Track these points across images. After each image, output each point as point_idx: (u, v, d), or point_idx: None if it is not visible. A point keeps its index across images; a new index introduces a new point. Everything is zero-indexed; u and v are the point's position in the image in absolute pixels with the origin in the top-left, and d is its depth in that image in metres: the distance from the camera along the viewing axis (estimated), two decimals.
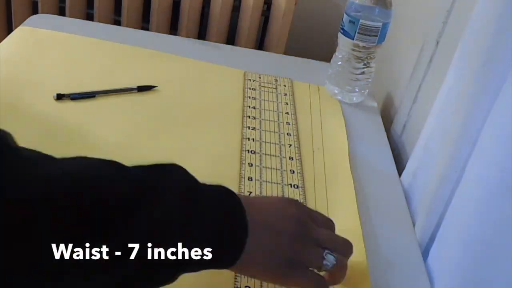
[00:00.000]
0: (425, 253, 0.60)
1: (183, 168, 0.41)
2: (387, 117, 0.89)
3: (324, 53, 1.55)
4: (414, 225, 0.64)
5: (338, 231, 0.59)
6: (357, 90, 0.85)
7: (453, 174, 0.56)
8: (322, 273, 0.47)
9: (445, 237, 0.58)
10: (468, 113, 0.55)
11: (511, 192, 0.45)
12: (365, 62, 0.82)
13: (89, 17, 1.50)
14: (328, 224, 0.50)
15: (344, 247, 0.49)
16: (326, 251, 0.46)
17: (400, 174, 0.73)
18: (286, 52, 1.49)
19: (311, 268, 0.46)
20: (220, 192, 0.42)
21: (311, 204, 0.62)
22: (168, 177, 0.39)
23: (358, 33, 0.78)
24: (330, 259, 0.45)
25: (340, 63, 0.83)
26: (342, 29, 0.80)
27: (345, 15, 0.79)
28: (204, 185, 0.41)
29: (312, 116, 0.80)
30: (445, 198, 0.58)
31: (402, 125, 0.82)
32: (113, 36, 0.92)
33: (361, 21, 0.77)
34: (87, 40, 0.89)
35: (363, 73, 0.83)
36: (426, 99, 0.77)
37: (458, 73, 0.60)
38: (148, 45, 0.90)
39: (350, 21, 0.78)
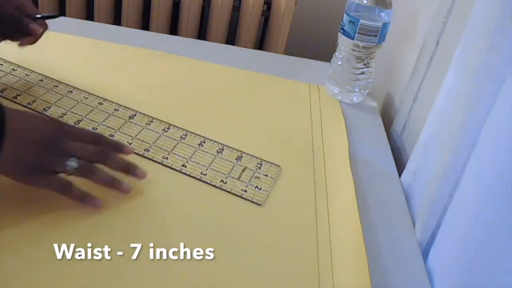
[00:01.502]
0: (425, 253, 0.60)
1: None
2: (387, 117, 0.89)
3: (324, 53, 1.55)
4: (414, 225, 0.64)
5: (338, 231, 0.59)
6: (357, 90, 0.85)
7: (453, 174, 0.56)
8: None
9: (445, 237, 0.58)
10: (468, 113, 0.55)
11: (511, 192, 0.45)
12: (365, 62, 0.82)
13: (89, 17, 1.50)
14: (94, 138, 0.58)
15: (92, 153, 0.56)
16: (72, 158, 0.53)
17: (400, 174, 0.73)
18: (286, 52, 1.49)
19: (60, 174, 0.53)
20: None
21: (311, 204, 0.62)
22: None
23: (358, 33, 0.78)
24: (70, 164, 0.53)
25: (340, 63, 0.84)
26: (342, 29, 0.80)
27: (345, 15, 0.79)
28: None
29: (312, 116, 0.80)
30: (445, 198, 0.58)
31: (402, 125, 0.82)
32: (113, 36, 0.92)
33: (361, 21, 0.78)
34: (87, 41, 0.89)
35: (363, 73, 0.83)
36: (426, 99, 0.77)
37: (458, 73, 0.60)
38: (148, 45, 0.90)
39: (350, 21, 0.79)
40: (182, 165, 0.64)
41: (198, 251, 0.53)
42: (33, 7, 0.72)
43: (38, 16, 0.72)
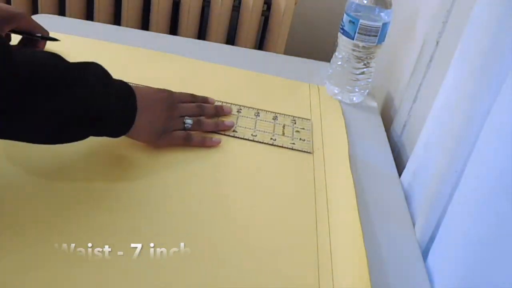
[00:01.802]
0: (425, 253, 0.60)
1: (101, 66, 0.59)
2: (387, 117, 0.89)
3: (324, 53, 1.55)
4: (414, 225, 0.64)
5: (338, 231, 0.59)
6: (357, 90, 0.85)
7: (453, 174, 0.56)
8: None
9: (445, 237, 0.58)
10: (468, 113, 0.55)
11: (511, 192, 0.45)
12: (365, 62, 0.82)
13: (89, 17, 1.50)
14: (192, 98, 0.73)
15: (198, 110, 0.71)
16: (186, 117, 0.69)
17: (400, 174, 0.73)
18: (286, 52, 1.49)
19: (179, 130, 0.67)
20: (124, 85, 0.61)
21: (311, 204, 0.62)
22: (90, 69, 0.57)
23: (358, 33, 0.78)
24: (188, 121, 0.68)
25: (340, 63, 0.84)
26: (342, 29, 0.81)
27: (345, 15, 0.79)
28: (114, 79, 0.60)
29: (312, 116, 0.80)
30: (445, 198, 0.58)
31: (402, 125, 0.82)
32: (113, 36, 0.92)
33: (361, 21, 0.78)
34: (86, 41, 0.89)
35: (363, 73, 0.83)
36: (426, 99, 0.77)
37: (458, 73, 0.60)
38: (148, 45, 0.90)
39: (350, 21, 0.79)
40: (233, 131, 0.73)
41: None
42: (36, 26, 0.80)
43: (39, 35, 0.80)
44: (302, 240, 0.57)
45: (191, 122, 0.68)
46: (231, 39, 1.54)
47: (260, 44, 1.55)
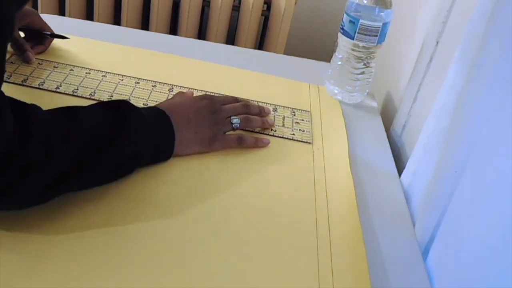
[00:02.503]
0: (425, 253, 0.60)
1: (131, 104, 0.60)
2: (387, 117, 0.89)
3: (324, 53, 1.54)
4: (414, 225, 0.64)
5: (338, 231, 0.59)
6: (357, 90, 0.85)
7: (453, 174, 0.56)
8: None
9: (445, 237, 0.58)
10: (468, 113, 0.55)
11: (511, 192, 0.45)
12: (365, 62, 0.82)
13: (89, 17, 1.50)
14: (231, 99, 0.74)
15: (243, 109, 0.72)
16: (232, 117, 0.69)
17: (400, 174, 0.73)
18: (286, 52, 1.49)
19: (229, 133, 0.69)
20: (156, 112, 0.64)
21: (311, 204, 0.62)
22: (129, 116, 0.59)
23: (358, 33, 0.78)
24: (235, 121, 0.69)
25: (340, 63, 0.84)
26: (342, 29, 0.81)
27: (345, 15, 0.79)
28: (146, 110, 0.62)
29: (312, 116, 0.80)
30: (445, 198, 0.58)
31: (402, 125, 0.82)
32: (113, 36, 0.92)
33: (361, 21, 0.78)
34: (86, 41, 0.89)
35: (363, 73, 0.83)
36: (426, 99, 0.77)
37: (458, 73, 0.60)
38: (148, 45, 0.90)
39: (350, 21, 0.79)
40: None
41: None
42: (44, 24, 0.82)
43: (47, 33, 0.82)
44: (302, 240, 0.57)
45: (239, 121, 0.70)
46: (231, 39, 1.54)
47: (260, 44, 1.56)
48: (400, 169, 0.73)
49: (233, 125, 0.69)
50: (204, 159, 0.66)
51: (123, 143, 0.57)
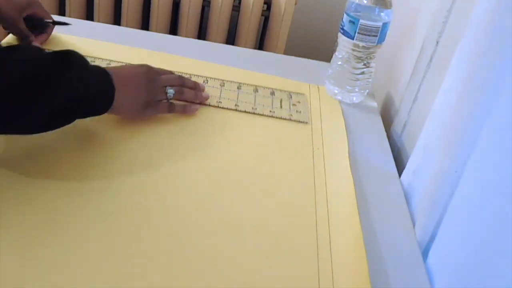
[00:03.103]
0: (425, 253, 0.60)
1: (80, 55, 0.62)
2: (387, 117, 0.89)
3: (324, 53, 1.54)
4: (414, 225, 0.64)
5: (338, 231, 0.59)
6: (357, 90, 0.85)
7: (453, 174, 0.56)
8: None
9: (445, 237, 0.58)
10: (468, 113, 0.55)
11: (511, 192, 0.45)
12: (365, 62, 0.82)
13: (89, 17, 1.50)
14: (172, 75, 0.76)
15: (178, 81, 0.75)
16: (168, 87, 0.72)
17: (400, 174, 0.73)
18: (286, 52, 1.49)
19: (163, 101, 0.72)
20: (99, 68, 0.65)
21: (311, 204, 0.62)
22: (69, 59, 0.61)
23: (358, 33, 0.78)
24: (169, 91, 0.72)
25: (340, 63, 0.84)
26: (342, 29, 0.80)
27: (345, 15, 0.79)
28: (90, 65, 0.63)
29: (312, 116, 0.80)
30: (445, 198, 0.58)
31: (402, 125, 0.82)
32: (113, 36, 0.92)
33: (361, 21, 0.77)
34: (86, 41, 0.89)
35: (363, 73, 0.83)
36: (426, 99, 0.77)
37: (458, 73, 0.60)
38: (148, 45, 0.90)
39: (350, 21, 0.79)
40: (235, 105, 0.79)
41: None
42: (46, 12, 0.85)
43: (49, 21, 0.84)
44: (302, 240, 0.57)
45: (173, 92, 0.73)
46: (231, 39, 1.54)
47: (260, 44, 1.55)
48: (400, 169, 0.73)
49: (167, 95, 0.72)
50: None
51: (62, 83, 0.58)
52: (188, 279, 0.51)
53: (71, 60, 0.60)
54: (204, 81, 0.82)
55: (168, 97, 0.72)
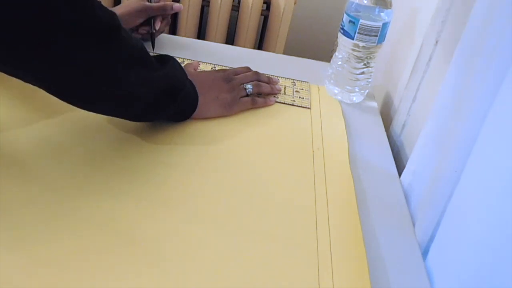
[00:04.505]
0: (425, 253, 0.61)
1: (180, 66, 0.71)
2: (387, 117, 0.89)
3: (324, 53, 1.54)
4: (414, 225, 0.64)
5: (338, 231, 0.59)
6: (357, 90, 0.85)
7: (453, 174, 0.57)
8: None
9: (445, 237, 0.58)
10: (468, 112, 0.55)
11: (511, 192, 0.45)
12: (365, 62, 0.82)
13: None
14: (247, 72, 0.83)
15: (254, 76, 0.82)
16: (245, 84, 0.80)
17: (400, 174, 0.73)
18: (286, 52, 1.49)
19: (243, 97, 0.79)
20: (190, 82, 0.72)
21: (311, 205, 0.62)
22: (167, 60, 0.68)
23: (358, 33, 0.78)
24: (248, 86, 0.79)
25: (340, 63, 0.84)
26: (342, 29, 0.81)
27: (345, 15, 0.79)
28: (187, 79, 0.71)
29: (312, 116, 0.80)
30: (444, 198, 0.58)
31: (402, 125, 0.82)
32: None
33: (361, 21, 0.78)
34: None
35: (363, 73, 0.83)
36: (425, 98, 0.77)
37: (457, 73, 0.60)
38: (148, 45, 0.90)
39: (350, 21, 0.79)
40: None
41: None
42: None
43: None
44: (302, 240, 0.57)
45: (252, 87, 0.80)
46: (230, 39, 1.54)
47: (260, 44, 1.56)
48: (400, 169, 0.74)
49: (247, 91, 0.79)
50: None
51: (163, 73, 0.64)
52: (188, 279, 0.51)
53: (164, 58, 0.67)
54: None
55: (247, 93, 0.79)
